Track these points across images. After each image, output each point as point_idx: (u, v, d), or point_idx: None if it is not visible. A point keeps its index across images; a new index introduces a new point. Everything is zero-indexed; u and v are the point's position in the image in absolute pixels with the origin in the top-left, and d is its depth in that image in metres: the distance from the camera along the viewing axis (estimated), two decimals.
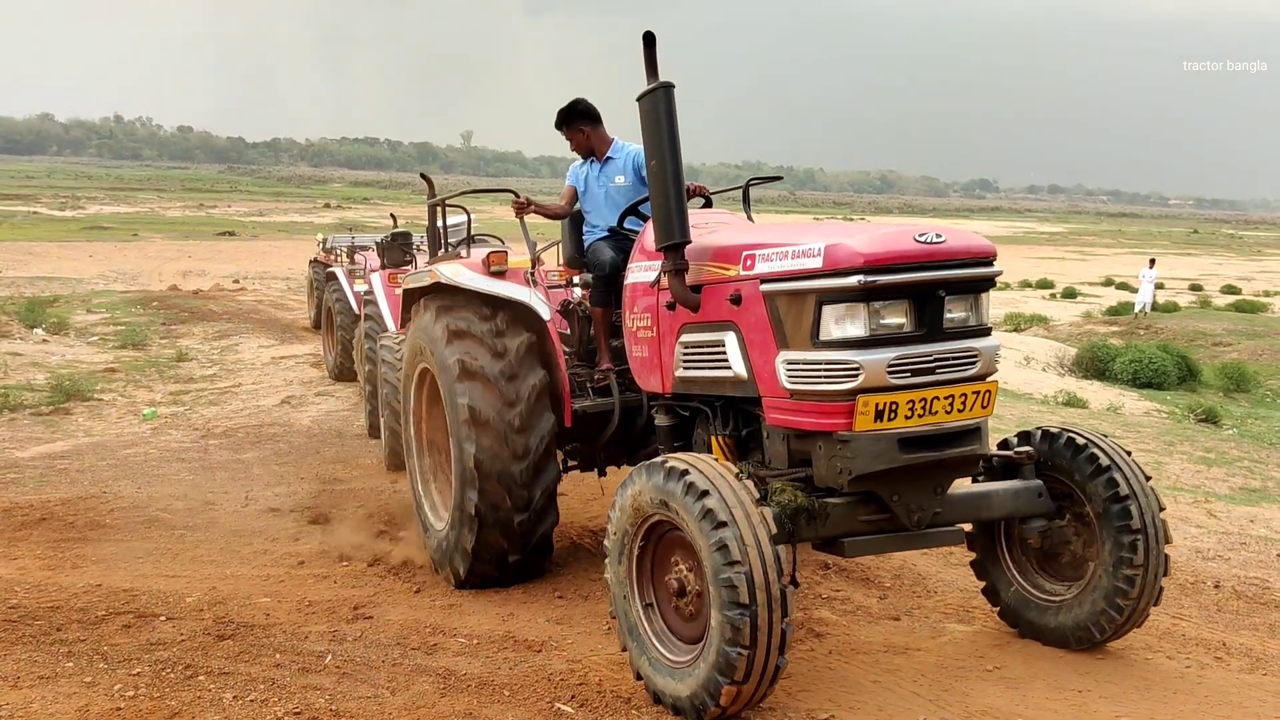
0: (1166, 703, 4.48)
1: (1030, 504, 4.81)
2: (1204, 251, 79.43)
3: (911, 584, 6.19)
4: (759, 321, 4.49)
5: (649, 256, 5.33)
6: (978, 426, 4.37)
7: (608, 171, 6.26)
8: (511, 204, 6.11)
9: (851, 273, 4.08)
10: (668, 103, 4.63)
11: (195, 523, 7.65)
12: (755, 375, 4.56)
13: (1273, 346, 25.59)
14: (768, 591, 3.84)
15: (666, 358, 5.20)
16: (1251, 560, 6.97)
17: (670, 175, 4.64)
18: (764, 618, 3.83)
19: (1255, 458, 10.92)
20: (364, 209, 72.95)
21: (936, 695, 4.53)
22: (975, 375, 4.32)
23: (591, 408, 5.93)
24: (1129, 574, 4.64)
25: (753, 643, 3.84)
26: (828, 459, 4.30)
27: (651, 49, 4.67)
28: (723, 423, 5.08)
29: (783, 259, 4.38)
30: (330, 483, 8.88)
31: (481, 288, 5.91)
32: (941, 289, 4.18)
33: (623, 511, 4.42)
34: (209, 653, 5.06)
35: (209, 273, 32.59)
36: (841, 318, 4.16)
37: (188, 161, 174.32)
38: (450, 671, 4.78)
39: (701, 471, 4.05)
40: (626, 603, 4.49)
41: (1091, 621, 4.81)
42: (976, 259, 4.29)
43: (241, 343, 18.93)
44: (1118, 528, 4.65)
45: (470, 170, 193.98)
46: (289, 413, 12.71)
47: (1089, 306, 35.65)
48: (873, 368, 4.09)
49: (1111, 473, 4.68)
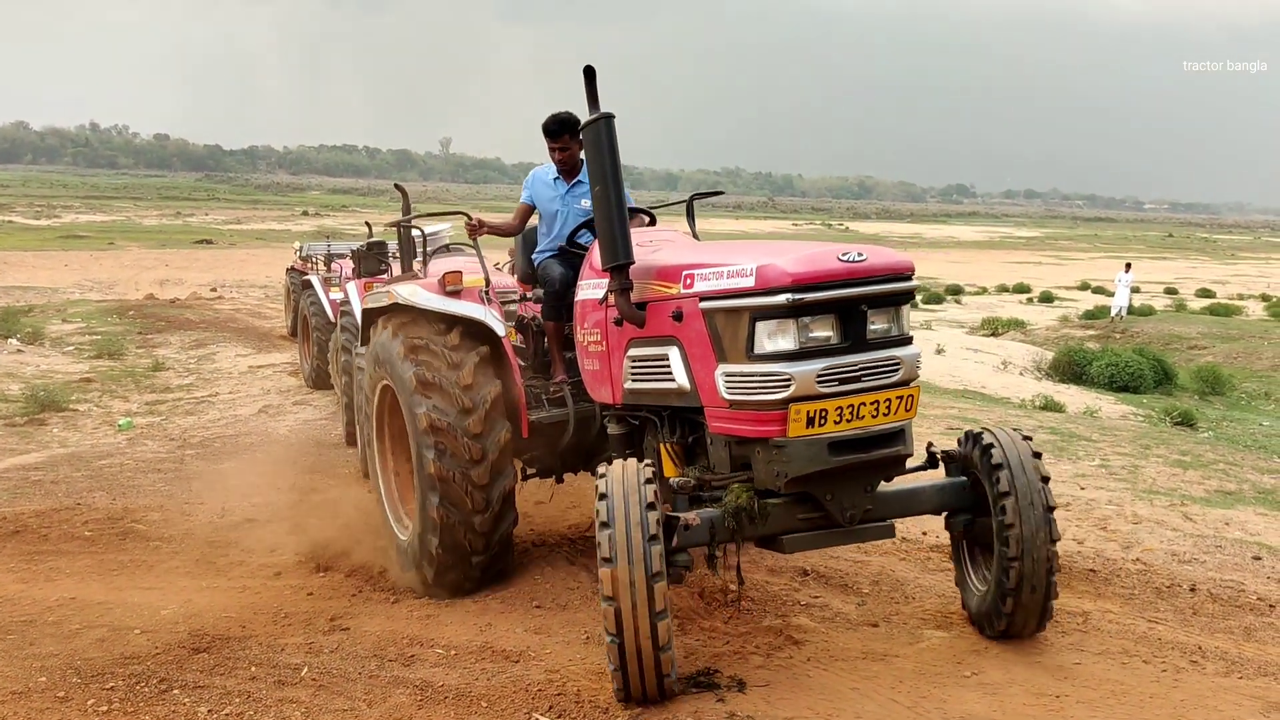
0: (1143, 707, 4.50)
1: (956, 499, 5.18)
2: (1179, 255, 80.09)
3: (890, 590, 6.19)
4: (699, 336, 4.76)
5: (598, 274, 5.54)
6: (902, 429, 4.68)
7: (575, 193, 6.40)
8: (465, 225, 6.28)
9: (781, 291, 4.39)
10: (609, 132, 4.93)
11: (171, 534, 7.59)
12: (697, 386, 4.82)
13: (1247, 349, 25.80)
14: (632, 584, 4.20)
15: (616, 371, 5.45)
16: (1227, 563, 7.00)
17: (614, 200, 4.94)
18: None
19: (1230, 460, 10.98)
20: (342, 216, 72.73)
21: (915, 702, 4.53)
22: (898, 381, 4.63)
23: (547, 418, 6.15)
24: (1002, 593, 4.99)
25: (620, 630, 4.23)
26: (765, 463, 4.60)
27: (592, 82, 4.96)
28: (670, 431, 5.35)
29: (719, 278, 4.66)
30: (308, 493, 8.82)
31: (437, 307, 6.11)
32: (864, 303, 4.51)
33: None
34: (184, 666, 5.03)
35: (186, 281, 32.39)
36: (773, 332, 4.46)
37: (164, 169, 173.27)
38: (428, 683, 4.76)
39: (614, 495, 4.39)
40: None
41: (992, 611, 5.15)
42: (896, 275, 4.61)
43: (219, 352, 18.82)
44: (1001, 549, 4.95)
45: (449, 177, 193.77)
46: (266, 422, 12.63)
47: (1066, 310, 35.85)
48: (803, 378, 4.41)
49: (1001, 470, 4.97)
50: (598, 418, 6.08)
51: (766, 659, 5.04)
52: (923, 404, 12.73)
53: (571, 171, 6.40)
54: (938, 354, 23.01)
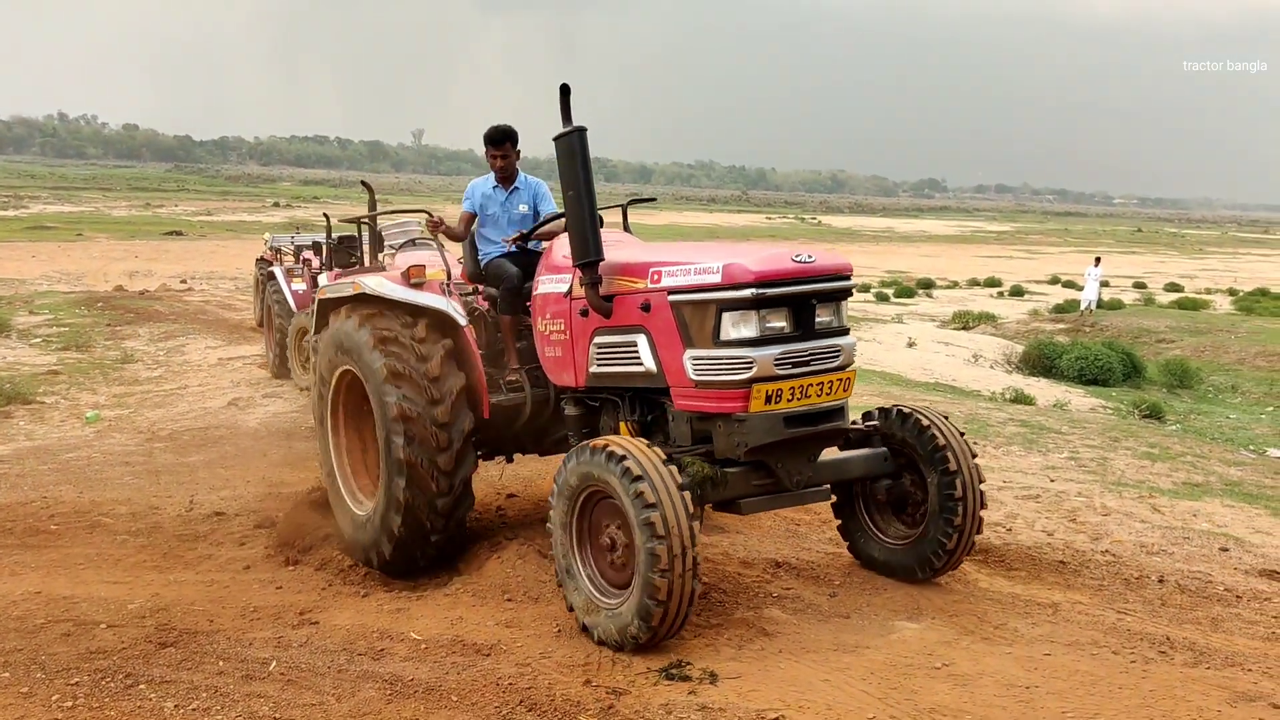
0: (1112, 697, 4.52)
1: (879, 466, 5.97)
2: (1147, 250, 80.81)
3: (861, 582, 6.20)
4: (667, 325, 5.36)
5: (557, 270, 6.17)
6: (842, 406, 5.46)
7: (513, 200, 6.97)
8: (426, 222, 7.00)
9: (745, 286, 5.04)
10: (582, 144, 5.45)
11: (138, 528, 7.51)
12: (664, 369, 5.43)
13: (1215, 343, 26.04)
14: (680, 526, 4.72)
15: (580, 357, 6.00)
16: (1195, 555, 7.07)
17: (585, 203, 5.43)
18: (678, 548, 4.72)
19: (1198, 453, 11.09)
20: (314, 208, 72.17)
21: (886, 693, 4.54)
22: (839, 365, 5.37)
23: (507, 402, 6.58)
24: (949, 531, 5.79)
25: (670, 568, 4.70)
26: (726, 435, 5.27)
27: (566, 99, 5.49)
28: (630, 410, 5.92)
29: (687, 275, 5.28)
30: (277, 485, 8.76)
31: (404, 298, 6.50)
32: (814, 299, 5.22)
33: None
34: (150, 661, 4.97)
35: (155, 273, 32.11)
36: (737, 322, 5.10)
37: (134, 160, 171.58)
38: (397, 677, 4.73)
39: (627, 449, 4.94)
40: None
41: (919, 562, 5.97)
42: (839, 274, 5.35)
43: (188, 344, 18.66)
44: (946, 495, 5.79)
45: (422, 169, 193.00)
46: (236, 414, 12.53)
47: (1036, 304, 36.08)
48: (763, 361, 5.08)
49: (946, 451, 5.81)
50: (551, 401, 6.60)
51: (738, 651, 5.04)
52: (894, 396, 12.80)
53: (508, 179, 6.94)
54: (909, 347, 23.12)
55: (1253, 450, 12.63)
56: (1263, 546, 7.38)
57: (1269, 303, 38.54)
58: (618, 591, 5.11)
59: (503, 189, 6.95)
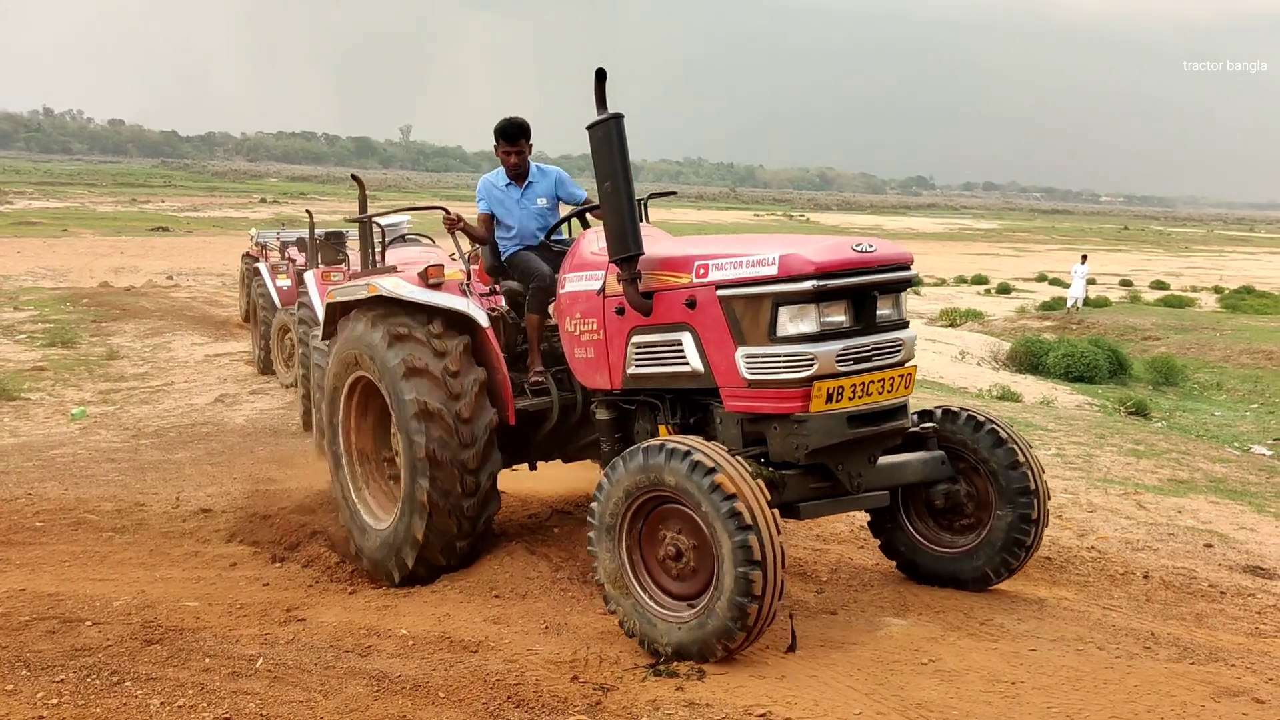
0: (1097, 693, 4.54)
1: (937, 470, 5.62)
2: (1134, 247, 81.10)
3: (849, 578, 6.22)
4: (715, 322, 5.10)
5: (587, 266, 5.89)
6: (904, 404, 5.23)
7: (529, 195, 6.66)
8: (443, 220, 6.57)
9: (805, 278, 4.78)
10: (619, 132, 5.13)
11: (124, 525, 7.50)
12: (712, 369, 5.17)
13: (1200, 341, 26.16)
14: (773, 546, 4.50)
15: (615, 357, 5.71)
16: (1179, 551, 7.10)
17: (624, 195, 5.15)
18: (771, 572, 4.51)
19: (1183, 450, 11.14)
20: (300, 204, 71.95)
21: (872, 689, 4.55)
22: (899, 361, 5.15)
23: (532, 406, 6.30)
24: (1024, 527, 5.53)
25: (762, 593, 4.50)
26: (784, 437, 4.99)
27: (602, 83, 5.16)
28: (672, 412, 5.65)
29: (738, 268, 5.01)
30: (264, 482, 8.74)
31: (422, 299, 6.22)
32: (875, 290, 4.98)
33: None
34: (136, 658, 4.95)
35: (141, 269, 32.02)
36: (795, 316, 4.85)
37: (120, 156, 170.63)
38: (384, 674, 4.72)
39: (705, 453, 4.62)
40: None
41: (991, 567, 5.67)
42: (901, 264, 5.11)
43: (174, 340, 18.62)
44: (1017, 490, 5.53)
45: (410, 165, 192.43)
46: (222, 411, 12.52)
47: (1023, 302, 36.18)
48: (825, 358, 4.83)
49: (1009, 445, 5.57)
50: (579, 405, 6.33)
51: None
52: None
53: (521, 175, 6.63)
54: None
55: (1237, 447, 12.69)
56: (1246, 543, 7.43)
57: (1254, 301, 38.74)
58: (686, 602, 4.83)
59: (516, 186, 6.66)
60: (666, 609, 4.88)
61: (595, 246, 5.85)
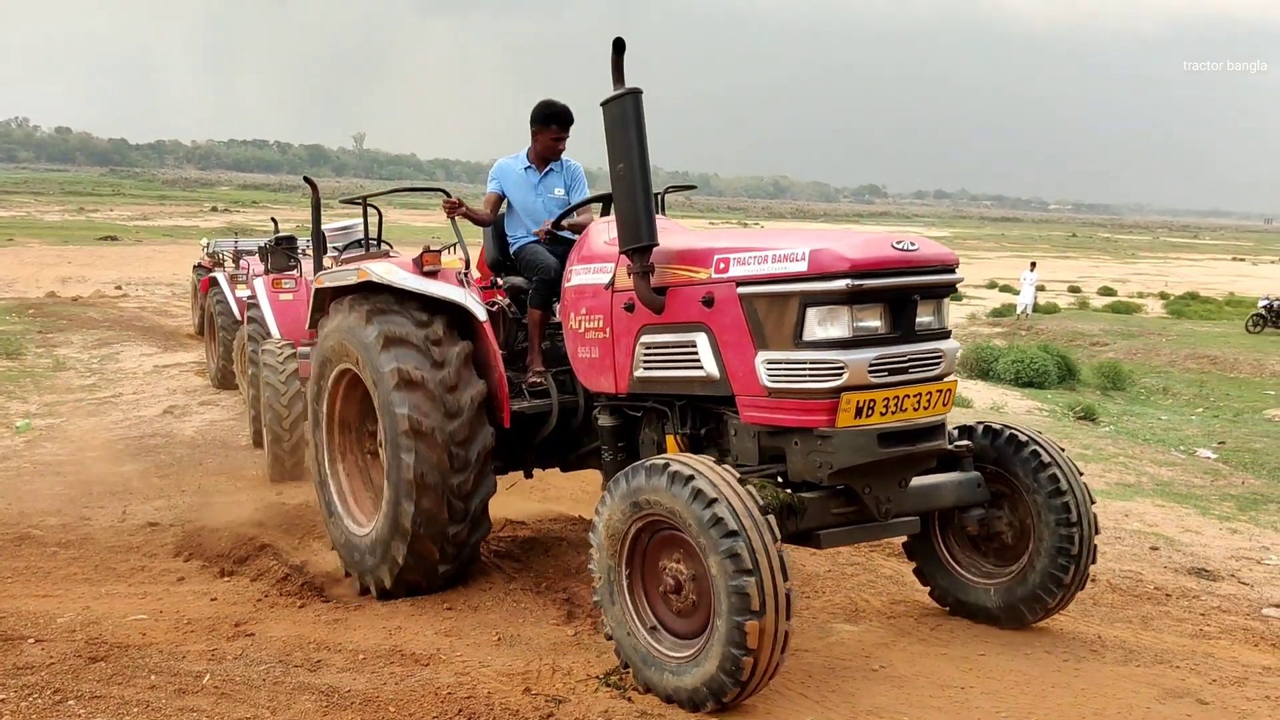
0: (1044, 696, 4.59)
1: (972, 494, 5.13)
2: (1082, 254, 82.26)
3: (801, 585, 6.24)
4: (734, 322, 4.64)
5: (595, 259, 5.47)
6: (942, 423, 4.70)
7: (548, 183, 6.33)
8: (443, 204, 6.15)
9: (838, 277, 4.29)
10: (636, 108, 4.70)
11: (69, 539, 7.37)
12: (729, 374, 4.71)
13: (1146, 346, 26.59)
14: (775, 598, 4.04)
15: (622, 358, 5.29)
16: (1126, 554, 7.20)
17: (639, 179, 4.71)
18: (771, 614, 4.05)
19: (1130, 454, 11.31)
20: (253, 212, 71.32)
21: (823, 696, 4.57)
22: (939, 374, 4.62)
23: (530, 409, 5.91)
24: (1064, 562, 5.04)
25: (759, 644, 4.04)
26: (805, 454, 4.51)
27: (620, 55, 4.71)
28: (681, 421, 5.21)
29: (763, 263, 4.55)
30: (213, 495, 8.64)
31: (416, 287, 5.80)
32: (916, 294, 4.47)
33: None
34: (80, 676, 4.86)
35: (89, 279, 31.55)
36: (824, 319, 4.36)
37: (67, 164, 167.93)
38: (334, 689, 4.66)
39: (710, 480, 4.15)
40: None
41: (1025, 603, 5.22)
42: (945, 266, 4.57)
43: (123, 351, 18.36)
44: (1057, 520, 5.02)
45: (363, 173, 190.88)
46: (171, 423, 12.35)
47: (973, 309, 36.58)
48: (856, 367, 4.32)
49: (1052, 469, 5.06)
50: (581, 409, 5.95)
51: None
52: None
53: (543, 161, 6.33)
54: None
55: (1183, 451, 12.88)
56: (1191, 545, 7.56)
57: (1198, 306, 39.52)
58: (685, 642, 4.40)
59: (536, 170, 6.30)
60: (663, 647, 4.47)
61: (607, 236, 5.45)
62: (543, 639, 5.25)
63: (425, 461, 5.48)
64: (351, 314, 5.96)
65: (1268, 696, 4.70)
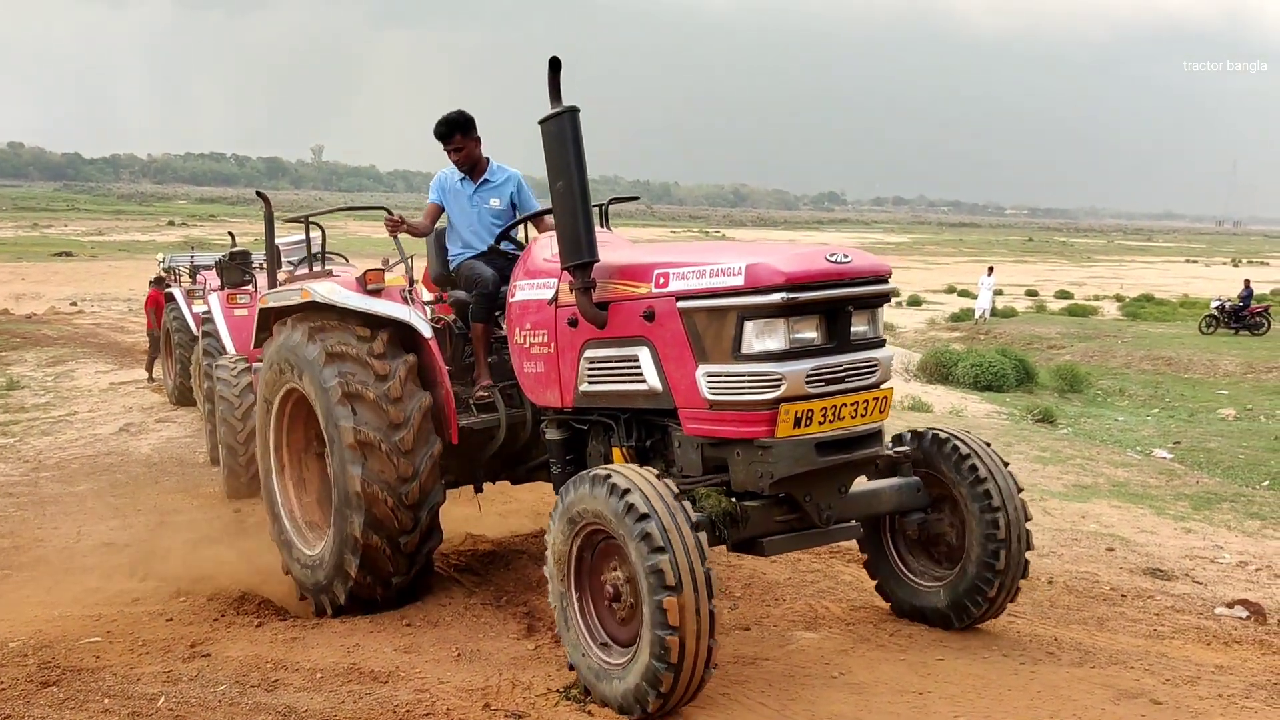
0: (1001, 700, 4.63)
1: (912, 498, 5.25)
2: (1038, 259, 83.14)
3: (761, 593, 6.26)
4: (675, 337, 4.71)
5: (539, 274, 5.53)
6: (879, 430, 4.82)
7: (483, 193, 6.30)
8: (385, 222, 6.13)
9: (773, 290, 4.38)
10: (574, 126, 4.74)
11: (21, 561, 7.27)
12: (671, 388, 4.78)
13: (1102, 348, 26.93)
14: (693, 575, 4.08)
15: (567, 373, 5.35)
16: (1083, 555, 7.28)
17: (578, 196, 4.75)
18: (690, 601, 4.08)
19: (1087, 455, 11.43)
20: (210, 226, 70.69)
21: (783, 705, 4.58)
22: (875, 383, 4.73)
23: (478, 424, 5.94)
24: (989, 577, 5.15)
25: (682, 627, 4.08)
26: (747, 464, 4.60)
27: (556, 74, 4.77)
28: (626, 434, 5.28)
29: (700, 277, 4.62)
30: (170, 513, 8.54)
31: (360, 306, 5.83)
32: (850, 304, 4.58)
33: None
34: (31, 701, 4.79)
35: (44, 295, 31.16)
36: (761, 332, 4.45)
37: (20, 179, 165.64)
38: (291, 709, 4.62)
39: (644, 494, 4.22)
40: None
41: (968, 596, 5.27)
42: (878, 277, 4.70)
43: (78, 368, 18.13)
44: (981, 508, 5.14)
45: (322, 185, 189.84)
46: (128, 441, 12.20)
47: (933, 314, 36.89)
48: (793, 378, 4.42)
49: (971, 459, 5.19)
50: (529, 423, 5.99)
51: None
52: None
53: (474, 171, 6.30)
54: None
55: (1139, 451, 13.05)
56: (1146, 545, 7.65)
57: (1153, 308, 40.07)
58: (623, 649, 4.48)
59: (470, 181, 6.28)
60: (611, 658, 4.51)
61: (549, 252, 5.50)
62: (503, 654, 5.23)
63: (371, 472, 5.50)
64: (295, 332, 5.97)
65: (1220, 695, 4.76)
